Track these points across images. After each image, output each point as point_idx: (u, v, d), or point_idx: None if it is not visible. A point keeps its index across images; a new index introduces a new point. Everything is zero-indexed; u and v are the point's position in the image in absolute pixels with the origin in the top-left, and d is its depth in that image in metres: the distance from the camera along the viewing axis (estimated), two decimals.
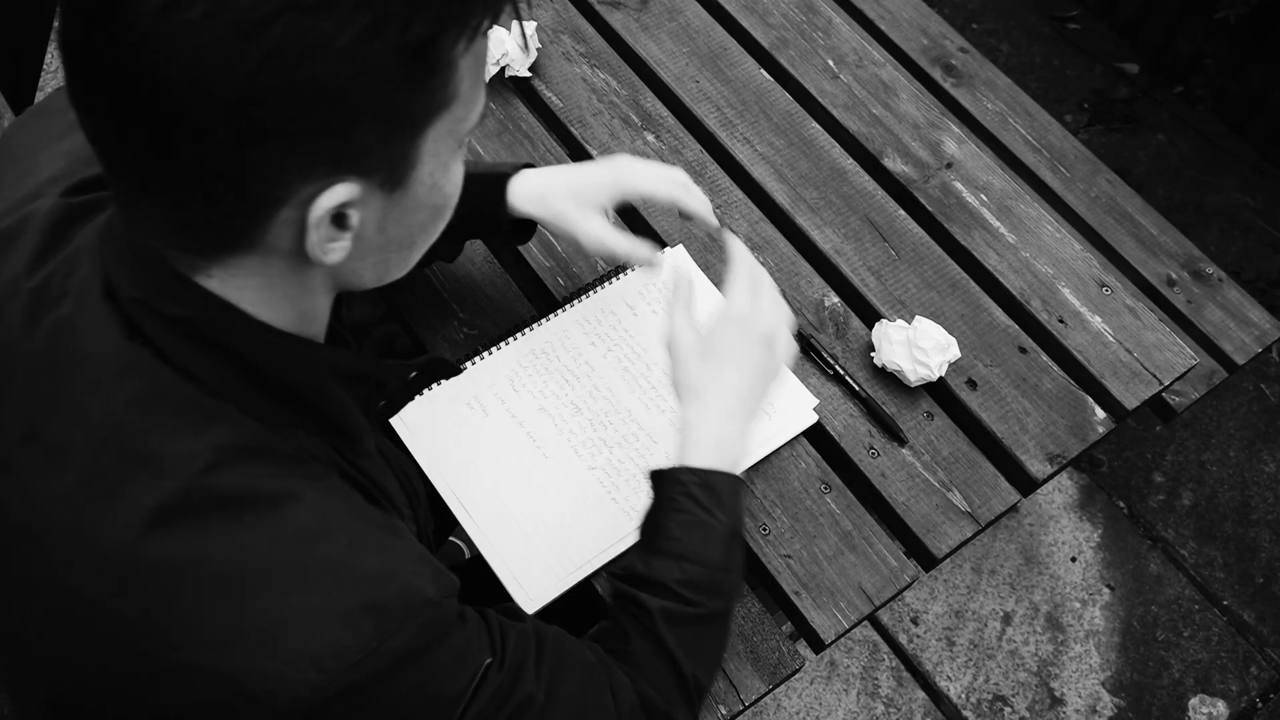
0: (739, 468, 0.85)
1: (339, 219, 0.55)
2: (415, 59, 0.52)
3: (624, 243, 0.96)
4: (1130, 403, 1.11)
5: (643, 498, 0.97)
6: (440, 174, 0.59)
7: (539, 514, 0.97)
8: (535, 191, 0.96)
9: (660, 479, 0.83)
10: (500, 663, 0.65)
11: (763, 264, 1.14)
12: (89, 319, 0.60)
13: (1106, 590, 1.89)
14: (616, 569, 0.84)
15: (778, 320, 0.89)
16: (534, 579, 0.93)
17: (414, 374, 0.73)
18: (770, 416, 1.04)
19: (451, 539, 1.09)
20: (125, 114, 0.51)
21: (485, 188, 0.96)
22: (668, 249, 1.13)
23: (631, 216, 1.17)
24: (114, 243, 0.60)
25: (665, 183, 0.98)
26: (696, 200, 0.99)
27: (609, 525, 0.96)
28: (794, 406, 1.05)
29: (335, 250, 0.57)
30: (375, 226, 0.58)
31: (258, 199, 0.53)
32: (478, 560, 0.96)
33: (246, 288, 0.58)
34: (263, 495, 0.57)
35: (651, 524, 0.83)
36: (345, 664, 0.55)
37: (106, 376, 0.58)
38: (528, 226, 1.02)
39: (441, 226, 0.64)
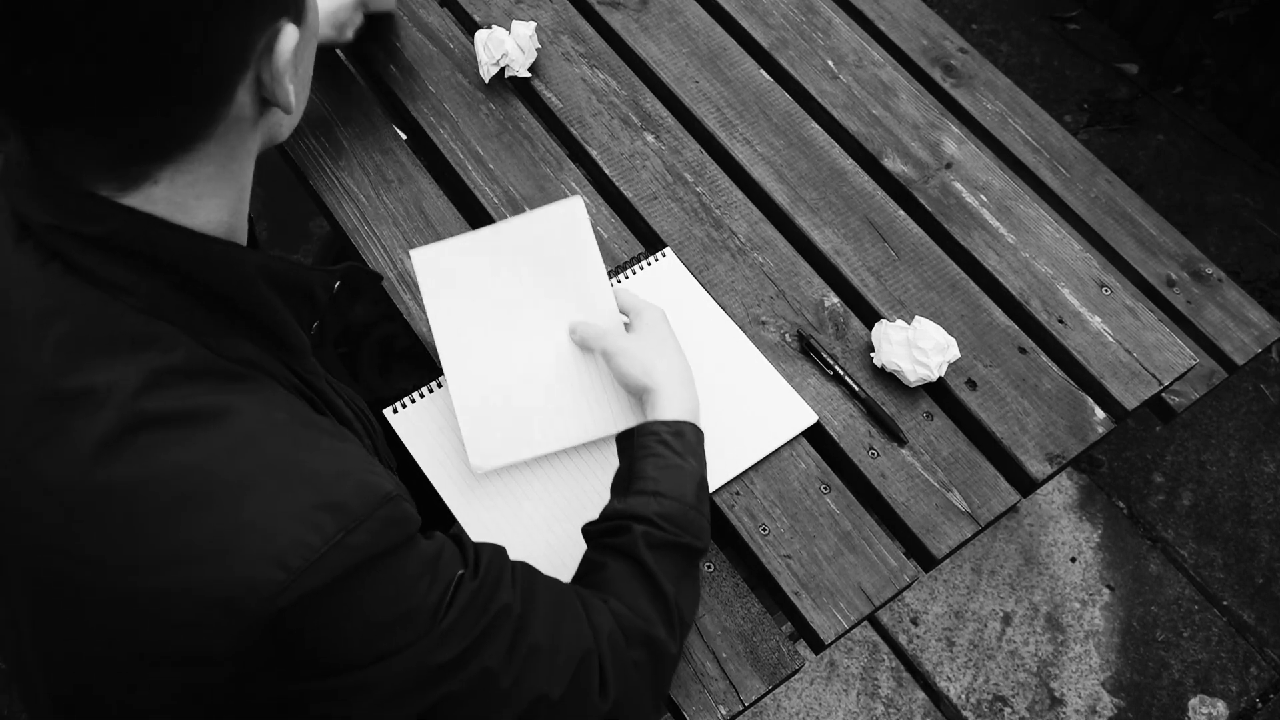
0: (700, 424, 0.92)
1: None
2: None
3: None
4: (1130, 403, 1.11)
5: (609, 410, 0.98)
6: None
7: (513, 389, 0.99)
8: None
9: (631, 434, 0.88)
10: (474, 573, 0.66)
11: (762, 264, 1.15)
12: (6, 272, 0.60)
13: (1106, 590, 1.89)
14: (591, 522, 0.86)
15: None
16: (491, 440, 0.96)
17: (338, 285, 0.72)
18: (767, 418, 1.04)
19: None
20: (73, 41, 0.49)
21: None
22: (666, 250, 1.13)
23: (631, 216, 1.17)
24: (15, 182, 0.59)
25: None
26: None
27: (575, 422, 0.98)
28: (792, 409, 1.05)
29: (293, 95, 0.59)
30: (293, 63, 0.60)
31: (226, 77, 0.55)
32: None
33: (198, 180, 0.58)
34: (201, 412, 0.57)
35: (626, 473, 0.87)
36: (309, 559, 0.55)
37: (31, 325, 0.58)
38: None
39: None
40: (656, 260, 1.12)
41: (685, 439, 0.88)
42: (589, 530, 0.85)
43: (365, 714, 0.61)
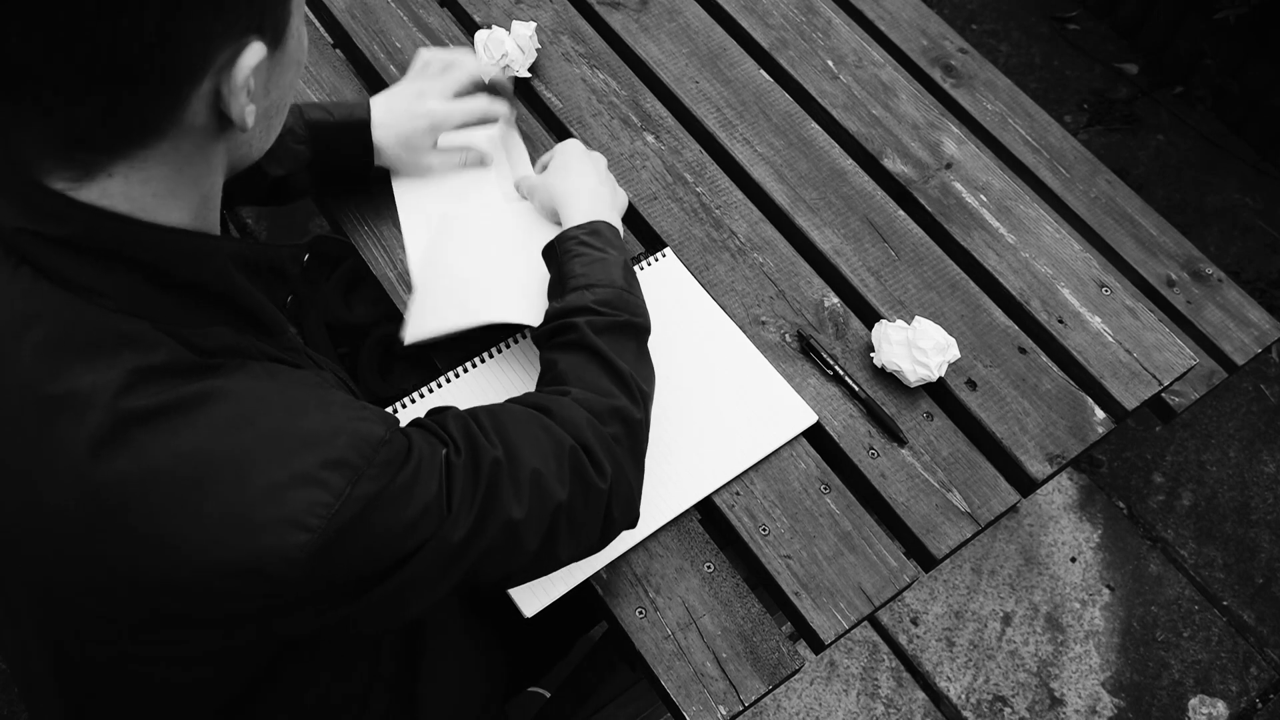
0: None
1: None
2: None
3: (464, 137, 1.12)
4: (1130, 403, 1.11)
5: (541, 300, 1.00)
6: (300, 26, 0.62)
7: (458, 259, 1.05)
8: (382, 145, 1.06)
9: (552, 247, 0.95)
10: (456, 449, 0.69)
11: (762, 264, 1.15)
12: None
13: (1106, 590, 1.89)
14: (538, 327, 0.90)
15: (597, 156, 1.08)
16: (426, 314, 1.01)
17: (308, 257, 0.73)
18: (767, 418, 1.04)
19: None
20: (28, 11, 0.49)
21: (353, 140, 1.05)
22: (666, 250, 1.13)
23: (631, 216, 1.17)
24: None
25: (470, 113, 1.11)
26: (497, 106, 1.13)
27: (508, 301, 1.00)
28: (792, 409, 1.05)
29: (250, 115, 0.58)
30: (263, 88, 0.60)
31: (181, 75, 0.54)
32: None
33: (152, 179, 0.58)
34: (186, 401, 0.57)
35: (557, 278, 0.93)
36: (326, 515, 0.58)
37: (6, 332, 0.58)
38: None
39: (297, 84, 0.67)
40: (656, 260, 1.12)
41: (602, 235, 0.93)
42: (538, 336, 0.89)
43: (409, 602, 0.65)
